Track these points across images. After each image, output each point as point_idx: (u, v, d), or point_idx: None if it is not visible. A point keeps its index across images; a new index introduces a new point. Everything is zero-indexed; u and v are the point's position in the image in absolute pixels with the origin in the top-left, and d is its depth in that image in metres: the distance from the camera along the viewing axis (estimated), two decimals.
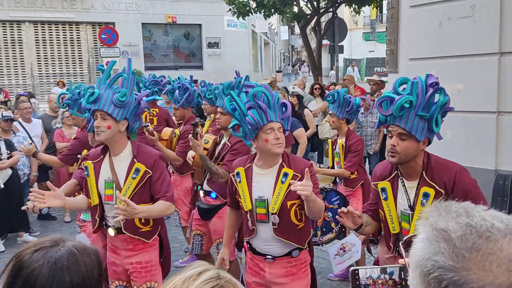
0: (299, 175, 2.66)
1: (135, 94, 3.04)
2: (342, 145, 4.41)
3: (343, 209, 2.42)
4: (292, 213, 2.70)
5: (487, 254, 0.73)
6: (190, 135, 3.72)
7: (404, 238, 1.00)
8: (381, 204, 2.56)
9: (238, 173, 2.83)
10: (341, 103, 4.33)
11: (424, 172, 2.41)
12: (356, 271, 1.14)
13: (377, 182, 2.58)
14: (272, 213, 2.69)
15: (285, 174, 2.70)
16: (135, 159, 2.92)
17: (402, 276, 1.08)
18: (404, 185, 2.48)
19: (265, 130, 2.66)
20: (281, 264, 2.76)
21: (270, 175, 2.74)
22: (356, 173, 4.36)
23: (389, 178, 2.53)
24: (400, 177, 2.49)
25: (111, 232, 3.06)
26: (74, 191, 3.27)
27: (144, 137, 5.00)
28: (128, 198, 2.85)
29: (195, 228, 4.19)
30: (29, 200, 7.43)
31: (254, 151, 4.89)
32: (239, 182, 2.81)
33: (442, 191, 2.33)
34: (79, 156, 4.35)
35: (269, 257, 2.76)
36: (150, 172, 2.91)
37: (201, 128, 4.94)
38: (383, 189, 2.53)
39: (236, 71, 4.24)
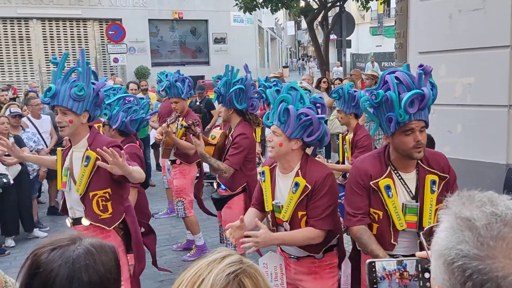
0: (310, 187, 2.55)
1: (93, 84, 3.02)
2: (349, 140, 4.39)
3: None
4: (302, 223, 2.60)
5: None
6: (192, 133, 3.77)
7: (425, 228, 0.99)
8: (382, 203, 2.40)
9: (263, 172, 2.76)
10: (346, 98, 4.30)
11: (419, 161, 2.39)
12: (373, 264, 1.13)
13: (377, 181, 2.40)
14: (283, 221, 2.65)
15: (296, 184, 2.57)
16: (88, 147, 2.98)
17: (419, 269, 1.07)
18: (401, 178, 2.41)
19: None
20: (305, 264, 2.70)
21: (287, 181, 2.65)
22: None
23: (386, 174, 2.42)
24: (395, 171, 2.42)
25: (67, 222, 3.17)
26: None
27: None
28: (84, 186, 2.97)
29: (219, 220, 4.31)
30: (38, 196, 7.48)
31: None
32: (263, 181, 2.76)
33: (446, 175, 2.35)
34: None
35: (293, 256, 2.73)
36: (100, 158, 2.87)
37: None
38: (388, 187, 2.39)
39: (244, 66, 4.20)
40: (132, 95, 4.38)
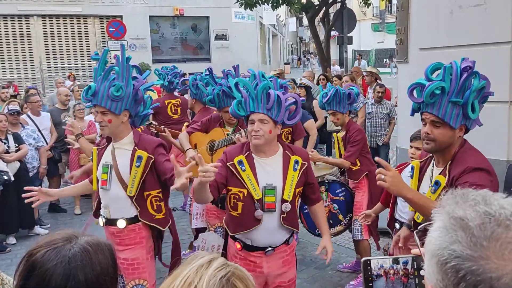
0: (306, 163, 2.78)
1: (134, 82, 2.96)
2: (342, 137, 4.38)
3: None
4: (296, 200, 2.82)
5: (506, 243, 0.71)
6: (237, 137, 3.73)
7: (419, 227, 0.98)
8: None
9: (240, 162, 2.69)
10: (341, 99, 4.23)
11: (449, 162, 2.35)
12: (368, 262, 1.12)
13: (415, 160, 2.66)
14: (286, 201, 2.69)
15: (297, 162, 2.72)
16: (136, 147, 2.92)
17: (415, 266, 1.06)
18: (432, 170, 2.46)
19: (249, 121, 2.69)
20: (279, 255, 2.76)
21: (275, 163, 2.72)
22: (358, 164, 4.29)
23: (423, 159, 2.54)
24: (433, 162, 2.48)
25: (100, 222, 3.11)
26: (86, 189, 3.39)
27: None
28: (137, 187, 2.91)
29: (217, 221, 4.13)
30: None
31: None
32: (244, 170, 2.69)
33: (446, 179, 2.30)
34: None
35: (270, 249, 2.72)
36: (153, 157, 2.91)
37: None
38: (412, 168, 2.58)
39: (234, 66, 4.24)
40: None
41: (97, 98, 2.86)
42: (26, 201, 3.05)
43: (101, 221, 3.09)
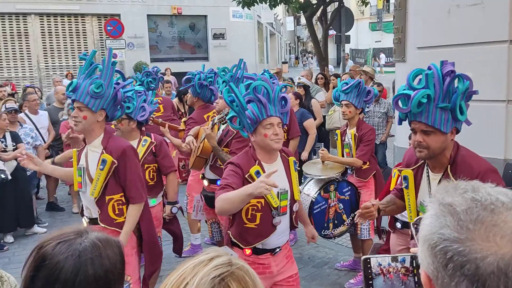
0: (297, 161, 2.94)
1: (115, 84, 3.01)
2: (354, 134, 4.29)
3: (359, 211, 2.58)
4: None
5: (491, 226, 0.76)
6: (207, 127, 3.77)
7: (415, 219, 1.02)
8: (403, 192, 2.54)
9: (258, 172, 2.65)
10: (361, 93, 4.21)
11: (449, 166, 2.31)
12: (368, 260, 1.14)
13: (402, 169, 2.56)
14: (295, 201, 2.81)
15: (295, 162, 2.83)
16: (104, 150, 2.94)
17: (414, 264, 1.09)
18: (428, 176, 2.40)
19: (265, 125, 2.63)
20: (283, 252, 2.82)
21: (279, 168, 2.73)
22: (368, 163, 4.29)
23: (414, 167, 2.48)
24: (426, 168, 2.42)
25: (83, 222, 3.14)
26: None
27: (152, 127, 5.06)
28: (100, 190, 2.94)
29: (210, 217, 4.27)
30: (37, 192, 7.40)
31: None
32: None
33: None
34: None
35: (278, 249, 2.78)
36: (116, 162, 2.91)
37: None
38: (405, 178, 2.49)
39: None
40: (142, 87, 4.48)
41: (77, 94, 2.89)
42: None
43: (84, 221, 3.13)
